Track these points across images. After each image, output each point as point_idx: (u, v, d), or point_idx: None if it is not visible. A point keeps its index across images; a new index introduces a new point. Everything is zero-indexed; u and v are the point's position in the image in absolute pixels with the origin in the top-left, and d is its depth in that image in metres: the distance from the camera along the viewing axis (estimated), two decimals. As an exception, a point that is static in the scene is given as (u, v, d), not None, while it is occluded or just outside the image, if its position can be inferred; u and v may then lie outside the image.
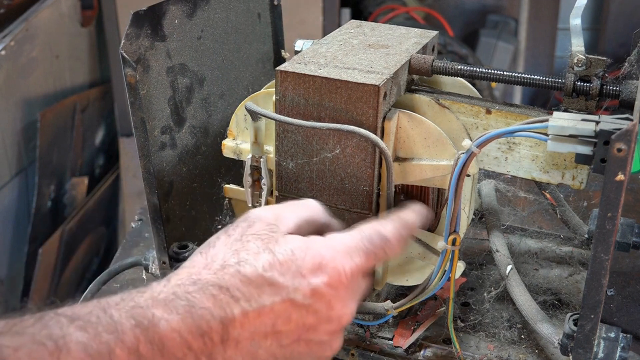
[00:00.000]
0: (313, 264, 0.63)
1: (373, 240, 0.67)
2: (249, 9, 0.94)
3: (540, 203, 0.91)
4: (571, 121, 0.63)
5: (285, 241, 0.64)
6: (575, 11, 0.73)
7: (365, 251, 0.66)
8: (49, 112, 2.07)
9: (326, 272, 0.63)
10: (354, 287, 0.65)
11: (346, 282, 0.64)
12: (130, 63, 0.76)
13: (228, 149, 0.86)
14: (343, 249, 0.65)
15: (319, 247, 0.64)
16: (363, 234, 0.67)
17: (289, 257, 0.63)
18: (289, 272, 0.62)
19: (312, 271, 0.63)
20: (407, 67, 0.79)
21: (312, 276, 0.62)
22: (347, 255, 0.65)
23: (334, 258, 0.64)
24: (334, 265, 0.64)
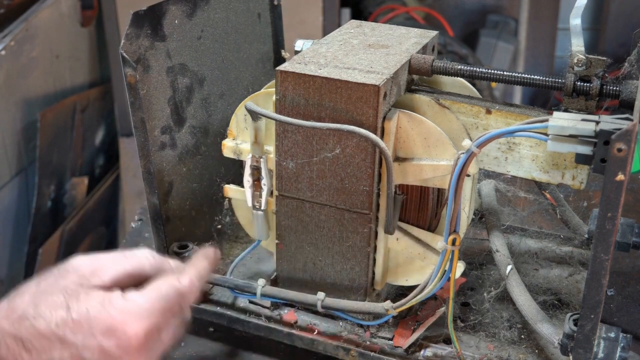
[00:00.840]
0: (105, 326, 0.66)
1: (169, 297, 0.70)
2: (249, 9, 0.94)
3: (540, 203, 0.91)
4: (571, 121, 0.63)
5: (86, 298, 0.67)
6: (575, 11, 0.73)
7: (160, 310, 0.69)
8: (49, 112, 2.07)
9: (116, 335, 0.66)
10: (147, 347, 0.68)
11: (137, 344, 0.67)
12: (130, 63, 0.76)
13: (228, 149, 0.86)
14: (138, 311, 0.68)
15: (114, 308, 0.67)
16: (159, 293, 0.70)
17: (83, 316, 0.66)
18: (80, 331, 0.65)
19: (102, 332, 0.66)
20: (407, 67, 0.79)
21: (102, 337, 0.66)
22: (141, 317, 0.67)
23: (126, 322, 0.67)
24: (124, 329, 0.66)
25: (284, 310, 0.87)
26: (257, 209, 0.85)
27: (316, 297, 0.81)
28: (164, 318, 0.69)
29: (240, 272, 0.94)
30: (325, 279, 0.83)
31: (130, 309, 0.68)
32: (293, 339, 0.85)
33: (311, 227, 0.81)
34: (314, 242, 0.82)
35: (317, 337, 0.83)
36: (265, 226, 0.86)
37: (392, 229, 0.78)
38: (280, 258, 0.85)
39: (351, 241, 0.80)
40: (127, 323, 0.67)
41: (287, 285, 0.86)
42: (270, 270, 0.93)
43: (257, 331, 0.86)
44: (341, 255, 0.81)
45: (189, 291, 0.72)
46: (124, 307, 0.68)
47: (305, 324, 0.85)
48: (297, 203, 0.81)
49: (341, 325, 0.84)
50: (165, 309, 0.69)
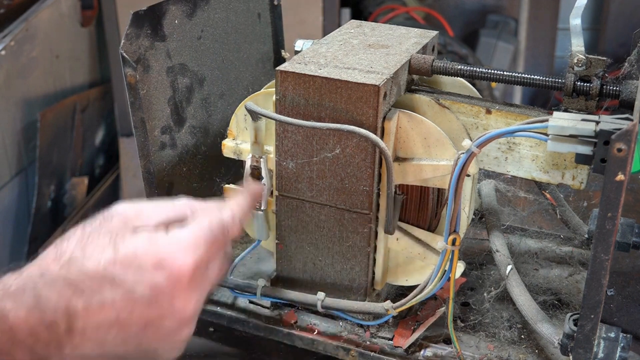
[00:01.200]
0: (154, 261, 0.66)
1: (213, 230, 0.70)
2: (249, 9, 0.94)
3: (540, 203, 0.91)
4: (571, 121, 0.63)
5: (132, 238, 0.67)
6: (575, 11, 0.73)
7: (206, 241, 0.69)
8: (49, 112, 2.07)
9: (166, 268, 0.66)
10: (197, 280, 0.68)
11: (187, 275, 0.67)
12: (130, 63, 0.76)
13: (228, 149, 0.86)
14: (184, 244, 0.68)
15: (161, 244, 0.68)
16: (203, 226, 0.70)
17: (131, 254, 0.66)
18: (129, 269, 0.65)
19: (152, 267, 0.66)
20: (407, 67, 0.79)
21: (152, 272, 0.66)
22: (188, 250, 0.68)
23: (174, 253, 0.67)
24: (173, 260, 0.67)
25: (284, 310, 0.87)
26: (257, 209, 0.85)
27: (316, 297, 0.81)
28: (210, 251, 0.69)
29: (240, 272, 0.94)
30: (325, 279, 0.83)
31: (177, 242, 0.68)
32: (293, 339, 0.85)
33: (311, 227, 0.81)
34: (314, 242, 0.82)
35: (317, 337, 0.83)
36: (265, 226, 0.86)
37: (392, 229, 0.78)
38: (280, 258, 0.85)
39: (351, 241, 0.80)
40: (175, 256, 0.67)
41: (287, 285, 0.86)
42: (270, 270, 0.93)
43: (257, 331, 0.86)
44: (341, 255, 0.81)
45: (231, 224, 0.72)
46: (171, 242, 0.68)
47: (305, 324, 0.85)
48: (297, 203, 0.81)
49: (341, 325, 0.84)
50: (210, 242, 0.70)
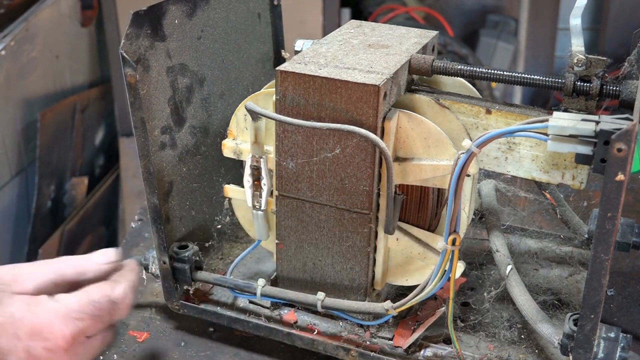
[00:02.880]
0: (31, 328, 0.65)
1: (101, 304, 0.69)
2: (249, 9, 0.94)
3: (540, 203, 0.91)
4: (571, 121, 0.63)
5: (9, 303, 0.66)
6: (575, 11, 0.73)
7: (90, 315, 0.68)
8: (49, 112, 2.07)
9: (42, 337, 0.65)
10: (75, 350, 0.67)
11: (64, 345, 0.66)
12: (130, 63, 0.76)
13: (228, 149, 0.86)
14: (64, 313, 0.67)
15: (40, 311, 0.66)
16: (90, 298, 0.69)
17: (8, 320, 0.65)
18: (5, 335, 0.64)
19: (29, 335, 0.65)
20: (407, 67, 0.79)
21: (29, 339, 0.64)
22: (68, 320, 0.66)
23: (52, 323, 0.66)
24: (51, 330, 0.65)
25: (284, 310, 0.87)
26: (257, 209, 0.85)
27: (316, 297, 0.81)
28: (93, 323, 0.68)
29: (240, 272, 0.94)
30: (325, 279, 0.83)
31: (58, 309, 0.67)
32: (293, 339, 0.85)
33: (311, 227, 0.81)
34: (314, 242, 0.82)
35: (317, 337, 0.83)
36: (265, 226, 0.86)
37: (392, 229, 0.78)
38: (280, 258, 0.85)
39: (351, 241, 0.80)
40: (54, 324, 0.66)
41: (287, 285, 0.86)
42: (270, 270, 0.93)
43: (257, 331, 0.86)
44: (341, 255, 0.81)
45: (121, 301, 0.71)
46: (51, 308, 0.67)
47: (305, 324, 0.85)
48: (297, 203, 0.81)
49: (341, 325, 0.84)
50: (95, 314, 0.68)
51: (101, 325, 0.70)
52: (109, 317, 0.70)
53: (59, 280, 0.71)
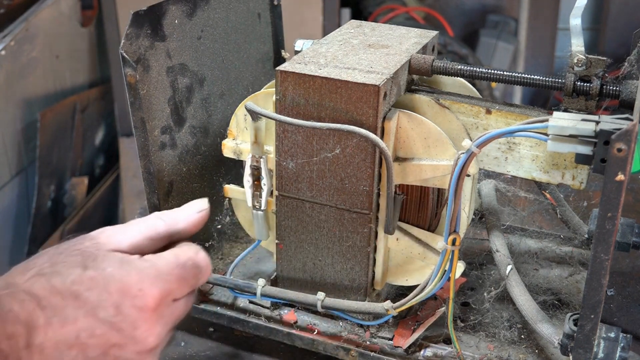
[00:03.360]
0: (121, 285, 0.65)
1: (187, 267, 0.69)
2: (249, 9, 0.94)
3: (540, 203, 0.91)
4: (571, 121, 0.63)
5: (103, 259, 0.66)
6: (575, 11, 0.73)
7: (177, 277, 0.68)
8: (49, 112, 2.07)
9: (132, 294, 0.65)
10: (161, 312, 0.67)
11: (152, 305, 0.66)
12: (130, 63, 0.76)
13: (228, 149, 0.87)
14: (154, 274, 0.67)
15: (132, 270, 0.66)
16: (178, 261, 0.69)
17: (100, 274, 0.65)
18: (95, 289, 0.64)
19: (118, 290, 0.65)
20: (407, 67, 0.79)
21: (118, 295, 0.64)
22: (157, 280, 0.67)
23: (142, 281, 0.66)
24: (141, 287, 0.65)
25: (284, 310, 0.87)
26: (257, 209, 0.85)
27: (316, 297, 0.81)
28: (179, 285, 0.68)
29: (240, 272, 0.94)
30: (325, 279, 0.83)
31: (148, 270, 0.67)
32: (293, 339, 0.85)
33: (311, 227, 0.81)
34: (314, 242, 0.82)
35: (317, 337, 0.83)
36: (265, 226, 0.86)
37: (392, 229, 0.78)
38: (280, 258, 0.85)
39: (351, 241, 0.80)
40: (144, 283, 0.66)
41: (287, 285, 0.86)
42: (270, 270, 0.93)
43: (257, 331, 0.86)
44: (341, 255, 0.81)
45: (205, 265, 0.71)
46: (141, 268, 0.67)
47: (305, 324, 0.85)
48: (297, 203, 0.81)
49: (341, 325, 0.84)
50: (182, 277, 0.69)
51: (187, 288, 0.70)
52: (194, 280, 0.70)
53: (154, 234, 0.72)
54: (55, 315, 0.62)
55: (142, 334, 0.66)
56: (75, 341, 0.63)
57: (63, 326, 0.63)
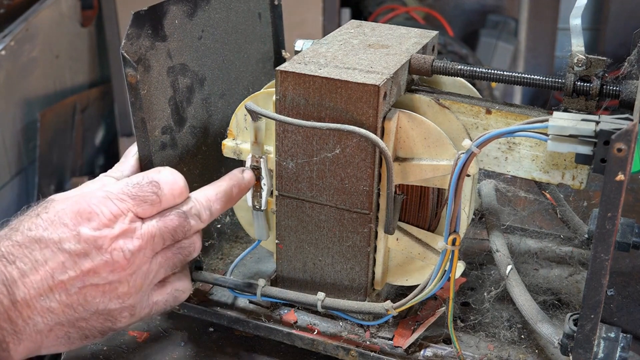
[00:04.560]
0: (73, 213, 0.67)
1: (141, 184, 0.71)
2: (249, 9, 0.94)
3: (540, 203, 0.91)
4: (571, 121, 0.63)
5: (53, 206, 0.69)
6: (575, 11, 0.74)
7: (130, 195, 0.70)
8: (49, 112, 2.07)
9: (86, 218, 0.67)
10: (122, 227, 0.68)
11: (108, 222, 0.68)
12: (131, 63, 0.76)
13: (228, 149, 0.87)
14: (104, 195, 0.69)
15: (81, 199, 0.69)
16: (130, 180, 0.71)
17: (54, 214, 0.68)
18: (52, 226, 0.67)
19: (73, 220, 0.67)
20: (407, 67, 0.79)
21: (74, 224, 0.67)
22: (108, 200, 0.69)
23: (93, 203, 0.68)
24: (92, 209, 0.68)
25: (284, 310, 0.87)
26: (257, 209, 0.85)
27: (316, 297, 0.81)
28: (137, 202, 0.69)
29: (240, 272, 0.94)
30: (325, 279, 0.83)
31: (98, 193, 0.69)
32: (293, 339, 0.85)
33: (311, 227, 0.81)
34: (314, 242, 0.82)
35: (317, 337, 0.83)
36: (265, 226, 0.86)
37: (392, 229, 0.78)
38: (280, 258, 0.85)
39: (351, 241, 0.80)
40: (93, 204, 0.68)
41: (287, 285, 0.86)
42: (270, 270, 0.93)
43: (257, 331, 0.86)
44: (341, 255, 0.81)
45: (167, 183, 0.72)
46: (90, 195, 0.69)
47: (305, 324, 0.85)
48: (297, 203, 0.81)
49: (341, 325, 0.85)
50: (136, 195, 0.70)
51: (147, 205, 0.70)
52: (153, 195, 0.71)
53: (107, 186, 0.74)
54: (26, 264, 0.65)
55: (106, 250, 0.67)
56: (53, 282, 0.65)
57: (37, 271, 0.65)
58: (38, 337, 0.66)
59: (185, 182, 0.74)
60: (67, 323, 0.67)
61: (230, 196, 0.79)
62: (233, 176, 0.80)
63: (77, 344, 0.69)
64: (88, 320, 0.68)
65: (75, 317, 0.67)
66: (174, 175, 0.73)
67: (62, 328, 0.67)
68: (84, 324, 0.68)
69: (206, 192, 0.77)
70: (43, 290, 0.65)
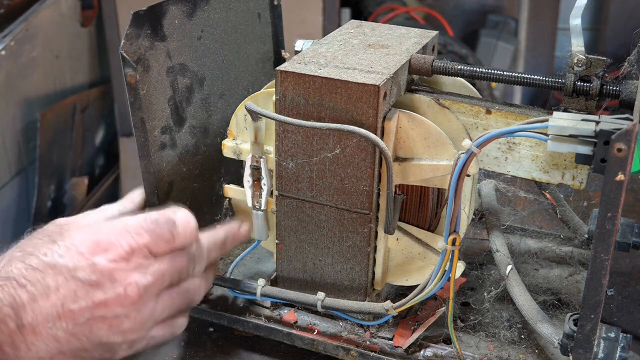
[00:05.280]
0: (91, 243, 0.67)
1: (159, 222, 0.71)
2: (249, 8, 0.94)
3: (540, 203, 0.91)
4: (571, 121, 0.63)
5: (69, 234, 0.69)
6: (575, 11, 0.73)
7: (147, 230, 0.70)
8: (49, 112, 2.07)
9: (103, 248, 0.67)
10: (138, 262, 0.69)
11: (125, 255, 0.68)
12: (130, 63, 0.76)
13: (228, 149, 0.87)
14: (122, 227, 0.69)
15: (99, 229, 0.69)
16: (148, 216, 0.71)
17: (70, 242, 0.67)
18: (69, 255, 0.66)
19: (90, 249, 0.67)
20: (407, 67, 0.79)
21: (91, 254, 0.67)
22: (126, 233, 0.69)
23: (111, 235, 0.68)
24: (110, 240, 0.68)
25: (284, 310, 0.87)
26: (257, 209, 0.85)
27: (316, 297, 0.81)
28: (153, 238, 0.70)
29: (240, 272, 0.94)
30: (325, 279, 0.83)
31: (116, 224, 0.70)
32: (293, 339, 0.85)
33: (311, 227, 0.81)
34: (314, 242, 0.82)
35: (317, 337, 0.83)
36: (265, 226, 0.86)
37: (392, 229, 0.78)
38: (280, 258, 0.85)
39: (351, 241, 0.80)
40: (112, 235, 0.68)
41: (287, 285, 0.86)
42: (270, 270, 0.93)
43: (257, 331, 0.86)
44: (341, 255, 0.81)
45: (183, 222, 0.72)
46: (110, 225, 0.70)
47: (305, 324, 0.85)
48: (297, 203, 0.81)
49: (341, 325, 0.84)
50: (153, 230, 0.70)
51: (162, 242, 0.71)
52: (168, 234, 0.71)
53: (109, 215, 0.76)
54: (37, 289, 0.64)
55: (121, 284, 0.67)
56: (62, 310, 0.65)
57: (47, 298, 0.64)
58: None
59: (196, 225, 0.75)
60: (68, 352, 0.66)
61: (224, 246, 0.81)
62: (229, 228, 0.81)
63: None
64: (89, 351, 0.68)
65: (78, 347, 0.67)
66: (187, 216, 0.74)
67: (63, 357, 0.66)
68: (84, 354, 0.68)
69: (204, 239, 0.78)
70: (51, 317, 0.64)
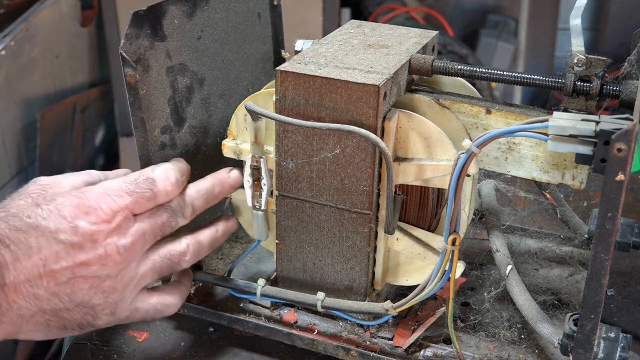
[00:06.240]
0: (73, 207, 0.69)
1: (138, 181, 0.74)
2: (249, 9, 0.94)
3: (540, 203, 0.91)
4: (571, 121, 0.63)
5: (52, 196, 0.71)
6: (575, 11, 0.73)
7: (128, 192, 0.72)
8: (49, 112, 2.07)
9: (85, 212, 0.69)
10: (118, 223, 0.71)
11: (106, 217, 0.70)
12: (130, 63, 0.76)
13: (228, 149, 0.87)
14: (103, 191, 0.71)
15: (81, 193, 0.71)
16: (127, 178, 0.74)
17: (53, 206, 0.69)
18: (51, 217, 0.68)
19: (72, 213, 0.69)
20: (407, 67, 0.79)
21: (73, 217, 0.69)
22: (107, 196, 0.71)
23: (92, 198, 0.70)
24: (91, 204, 0.70)
25: (284, 310, 0.87)
26: (257, 209, 0.85)
27: (316, 297, 0.81)
28: (134, 199, 0.72)
29: (240, 272, 0.94)
30: (325, 279, 0.83)
31: (97, 189, 0.72)
32: (293, 339, 0.85)
33: (311, 227, 0.81)
34: (314, 242, 0.82)
35: (317, 337, 0.83)
36: (265, 226, 0.86)
37: (392, 229, 0.78)
38: (280, 258, 0.85)
39: (351, 241, 0.80)
40: (92, 199, 0.70)
41: (287, 285, 0.86)
42: (270, 270, 0.93)
43: (257, 331, 0.86)
44: (341, 255, 0.81)
45: (160, 180, 0.74)
46: (90, 190, 0.71)
47: (305, 324, 0.85)
48: (297, 203, 0.81)
49: (341, 325, 0.85)
50: (133, 191, 0.72)
51: (143, 201, 0.73)
52: (149, 192, 0.74)
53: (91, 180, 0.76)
54: (20, 249, 0.66)
55: (102, 245, 0.69)
56: (44, 270, 0.67)
57: (30, 258, 0.66)
58: (19, 322, 0.68)
59: (176, 179, 0.77)
60: (49, 311, 0.69)
61: (212, 193, 0.82)
62: (217, 175, 0.83)
63: (54, 333, 0.71)
64: (71, 311, 0.70)
65: (59, 307, 0.69)
66: (166, 171, 0.76)
67: (44, 315, 0.69)
68: (65, 315, 0.70)
69: (188, 189, 0.79)
70: (33, 276, 0.66)
